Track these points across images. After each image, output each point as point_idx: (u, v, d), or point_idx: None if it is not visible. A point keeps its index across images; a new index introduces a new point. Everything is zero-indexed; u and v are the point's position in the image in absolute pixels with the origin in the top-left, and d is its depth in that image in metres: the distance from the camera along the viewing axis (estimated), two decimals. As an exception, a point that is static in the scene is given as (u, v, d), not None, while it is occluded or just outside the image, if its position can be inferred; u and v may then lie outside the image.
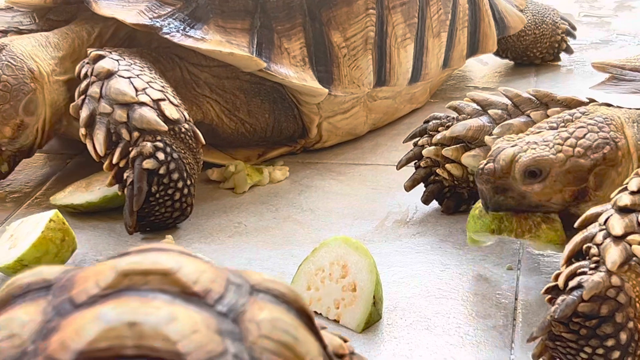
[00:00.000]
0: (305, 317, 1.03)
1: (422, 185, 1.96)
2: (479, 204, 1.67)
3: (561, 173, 1.64)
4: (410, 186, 1.92)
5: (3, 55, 1.97)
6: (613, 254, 1.38)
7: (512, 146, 1.63)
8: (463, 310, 1.65)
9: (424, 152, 1.90)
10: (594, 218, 1.47)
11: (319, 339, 1.04)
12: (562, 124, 1.67)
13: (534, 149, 1.62)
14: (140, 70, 1.90)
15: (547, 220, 1.67)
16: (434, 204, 1.96)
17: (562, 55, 2.65)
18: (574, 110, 1.73)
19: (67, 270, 0.98)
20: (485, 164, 1.62)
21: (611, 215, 1.43)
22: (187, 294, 0.92)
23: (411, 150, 1.93)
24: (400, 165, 1.96)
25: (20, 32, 2.12)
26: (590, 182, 1.65)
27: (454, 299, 1.68)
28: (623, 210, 1.43)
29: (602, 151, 1.63)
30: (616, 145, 1.63)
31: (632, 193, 1.44)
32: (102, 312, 0.88)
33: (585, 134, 1.63)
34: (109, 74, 1.85)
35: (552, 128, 1.67)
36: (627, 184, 1.51)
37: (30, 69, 1.99)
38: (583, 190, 1.65)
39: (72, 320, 0.88)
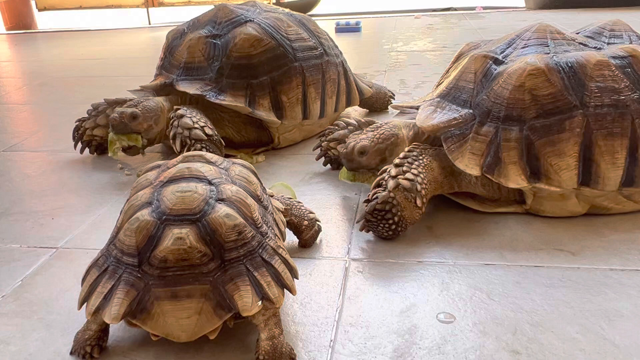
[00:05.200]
0: (253, 172, 1.26)
1: (323, 158, 2.07)
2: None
3: (373, 151, 1.72)
4: (318, 158, 2.07)
5: (149, 99, 2.10)
6: (390, 183, 1.53)
7: (354, 140, 1.75)
8: (337, 210, 1.77)
9: (322, 144, 2.04)
10: (385, 170, 1.59)
11: (259, 180, 1.26)
12: (376, 129, 1.78)
13: (362, 140, 1.73)
14: (196, 114, 2.03)
15: (370, 174, 1.76)
16: (329, 166, 2.09)
17: (389, 107, 2.73)
18: (382, 122, 1.82)
19: (166, 161, 1.20)
20: (343, 149, 1.76)
21: (390, 168, 1.57)
22: (208, 162, 1.16)
23: (319, 143, 2.07)
24: (314, 149, 2.09)
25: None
26: (387, 154, 1.73)
27: (331, 207, 1.78)
28: (395, 166, 1.57)
29: (391, 140, 1.74)
30: (397, 137, 1.75)
31: (399, 159, 1.59)
32: (178, 166, 1.09)
33: (384, 132, 1.75)
34: (182, 116, 2.00)
35: (372, 130, 1.78)
36: (399, 156, 1.62)
37: (161, 104, 2.12)
38: (384, 158, 1.73)
39: (166, 171, 1.10)
